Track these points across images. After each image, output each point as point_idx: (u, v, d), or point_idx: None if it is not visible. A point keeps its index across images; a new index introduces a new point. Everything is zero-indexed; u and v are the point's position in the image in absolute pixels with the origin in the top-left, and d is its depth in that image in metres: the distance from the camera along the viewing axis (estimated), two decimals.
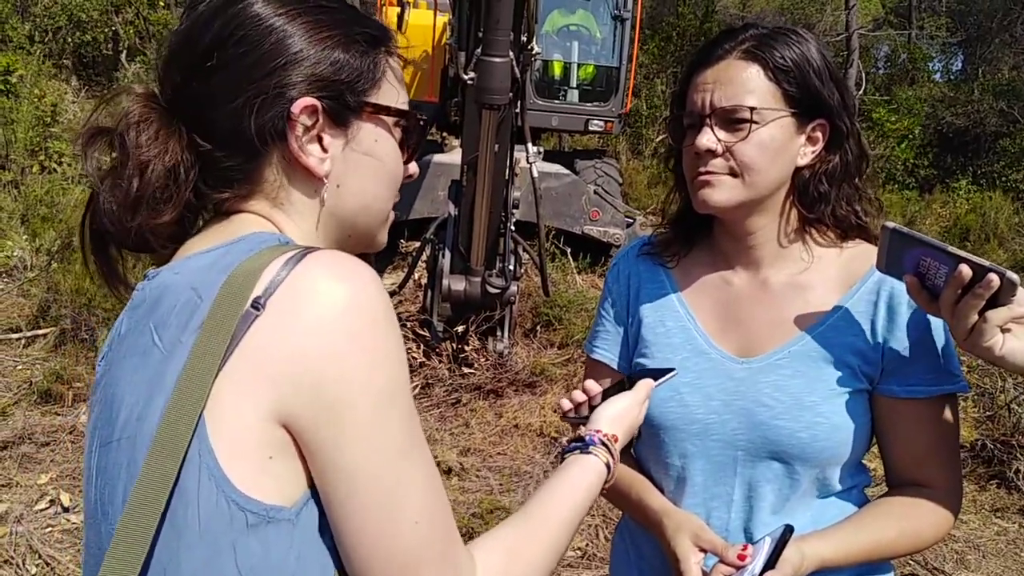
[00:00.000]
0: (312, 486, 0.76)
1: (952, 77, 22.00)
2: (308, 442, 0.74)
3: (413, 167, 0.97)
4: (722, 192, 1.20)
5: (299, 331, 0.73)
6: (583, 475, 1.03)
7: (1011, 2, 20.34)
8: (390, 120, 0.91)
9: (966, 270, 1.03)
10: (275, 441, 0.73)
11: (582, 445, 1.08)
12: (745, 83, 1.18)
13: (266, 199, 0.87)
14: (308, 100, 0.83)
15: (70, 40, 13.22)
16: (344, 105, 0.86)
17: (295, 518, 0.75)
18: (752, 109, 1.17)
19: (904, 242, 1.11)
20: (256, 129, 0.83)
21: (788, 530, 1.11)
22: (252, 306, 0.74)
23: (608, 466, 1.06)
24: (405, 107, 0.93)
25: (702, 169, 1.20)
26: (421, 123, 0.95)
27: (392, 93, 0.91)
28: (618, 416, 1.13)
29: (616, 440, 1.10)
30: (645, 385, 1.18)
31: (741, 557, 1.11)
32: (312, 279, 0.75)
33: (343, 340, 0.73)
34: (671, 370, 1.22)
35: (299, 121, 0.83)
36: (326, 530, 0.77)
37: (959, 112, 16.15)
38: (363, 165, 0.89)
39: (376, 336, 0.75)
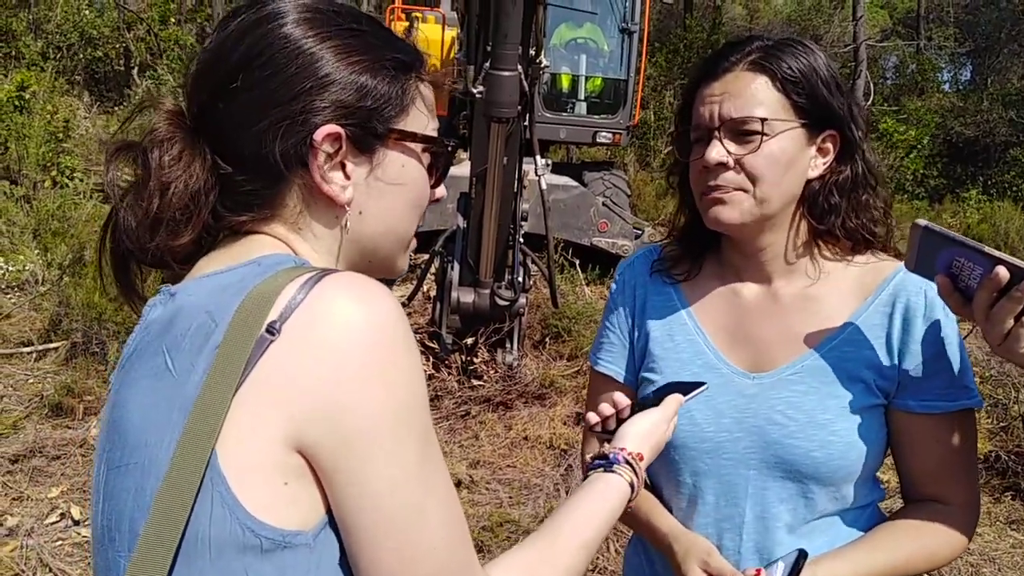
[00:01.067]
0: (329, 511, 0.75)
1: (961, 87, 21.95)
2: (324, 469, 0.73)
3: (441, 191, 0.96)
4: (733, 209, 1.18)
5: (315, 357, 0.71)
6: (605, 495, 1.01)
7: (1019, 12, 20.30)
8: (418, 147, 0.89)
9: (1003, 272, 0.97)
10: (290, 467, 0.72)
11: (606, 463, 1.05)
12: (754, 94, 1.16)
13: (285, 224, 0.86)
14: (331, 128, 0.82)
15: (82, 56, 13.36)
16: (369, 132, 0.84)
17: (312, 542, 0.74)
18: (763, 120, 1.15)
19: (937, 241, 1.05)
20: (278, 154, 0.81)
21: (802, 555, 1.09)
22: (267, 331, 0.72)
23: (632, 486, 1.04)
24: (434, 133, 0.91)
25: (712, 183, 1.18)
26: (449, 149, 0.93)
27: (421, 120, 0.89)
28: (645, 434, 1.10)
29: (641, 459, 1.07)
30: (674, 400, 1.15)
31: None
32: (329, 302, 0.73)
33: (360, 367, 0.72)
34: (702, 384, 1.18)
35: (321, 149, 0.82)
36: (345, 557, 0.76)
37: (968, 122, 16.10)
38: (388, 192, 0.87)
39: (394, 362, 0.74)
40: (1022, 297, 0.97)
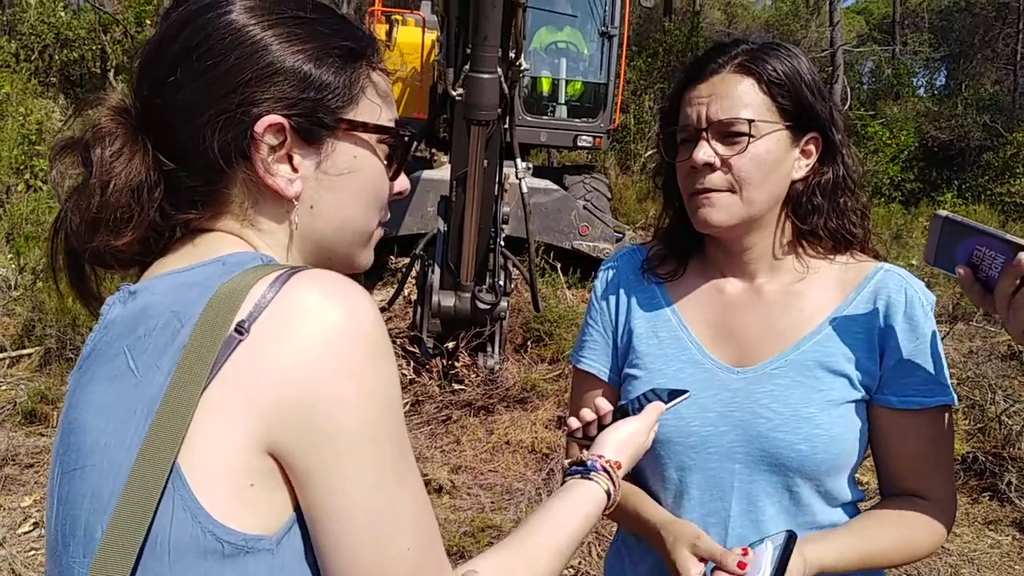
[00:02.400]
0: (297, 509, 0.73)
1: (936, 92, 22.28)
2: (296, 471, 0.71)
3: (403, 183, 0.92)
4: (721, 211, 1.19)
5: (287, 357, 0.69)
6: (581, 502, 1.01)
7: (992, 19, 20.63)
8: (371, 137, 0.86)
9: None
10: (258, 469, 0.70)
11: (583, 470, 1.05)
12: (741, 96, 1.18)
13: (235, 220, 0.83)
14: (273, 118, 0.78)
15: (57, 58, 13.18)
16: (316, 123, 0.81)
17: (275, 547, 0.72)
18: (750, 122, 1.17)
19: (957, 231, 1.04)
20: (218, 149, 0.78)
21: (791, 537, 1.09)
22: (236, 330, 0.70)
23: (608, 493, 1.03)
24: (388, 123, 0.88)
25: (699, 185, 1.19)
26: (406, 139, 0.90)
27: (372, 109, 0.86)
28: (624, 442, 1.10)
29: (619, 467, 1.06)
30: (655, 409, 1.15)
31: (741, 565, 1.09)
32: (300, 300, 0.71)
33: (334, 367, 0.70)
34: (684, 392, 1.19)
35: (264, 141, 0.79)
36: (309, 555, 0.74)
37: (943, 126, 16.32)
38: (340, 185, 0.84)
39: (369, 361, 0.72)
40: None
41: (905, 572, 3.51)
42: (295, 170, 0.82)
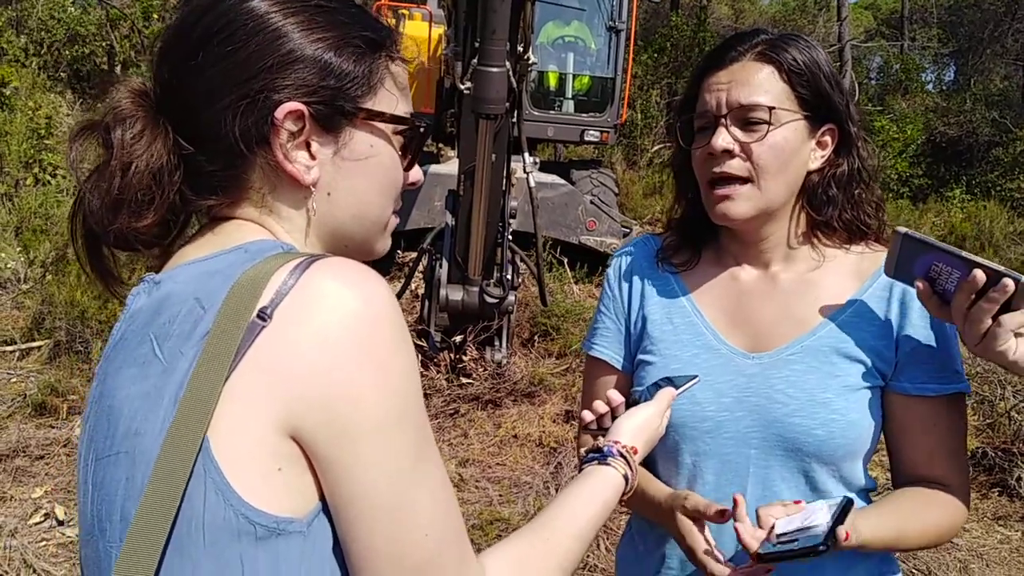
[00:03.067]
0: (323, 498, 0.74)
1: (944, 87, 22.13)
2: (318, 456, 0.72)
3: (416, 174, 0.93)
4: (740, 204, 1.20)
5: (308, 343, 0.70)
6: (599, 487, 1.02)
7: (1001, 14, 20.51)
8: (387, 127, 0.87)
9: (980, 275, 1.02)
10: (284, 453, 0.71)
11: (600, 456, 1.06)
12: (761, 83, 1.19)
13: (254, 206, 0.84)
14: (294, 105, 0.79)
15: (66, 53, 13.22)
16: (335, 111, 0.82)
17: (306, 530, 0.73)
18: (771, 109, 1.17)
19: (916, 247, 1.10)
20: (238, 134, 0.79)
21: (849, 502, 1.10)
22: (258, 316, 0.71)
23: (626, 478, 1.04)
24: (404, 114, 0.88)
25: (717, 170, 1.20)
26: (422, 131, 0.91)
27: (390, 100, 0.87)
28: (639, 427, 1.11)
29: (636, 452, 1.08)
30: (667, 394, 1.16)
31: (722, 512, 1.10)
32: (320, 287, 0.72)
33: (354, 352, 0.71)
34: (694, 377, 1.20)
35: (283, 127, 0.79)
36: (339, 544, 0.75)
37: (951, 122, 16.22)
38: (356, 173, 0.85)
39: (388, 347, 0.73)
40: (998, 298, 1.02)
41: (914, 567, 3.51)
42: (313, 157, 0.82)
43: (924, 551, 3.58)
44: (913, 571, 3.49)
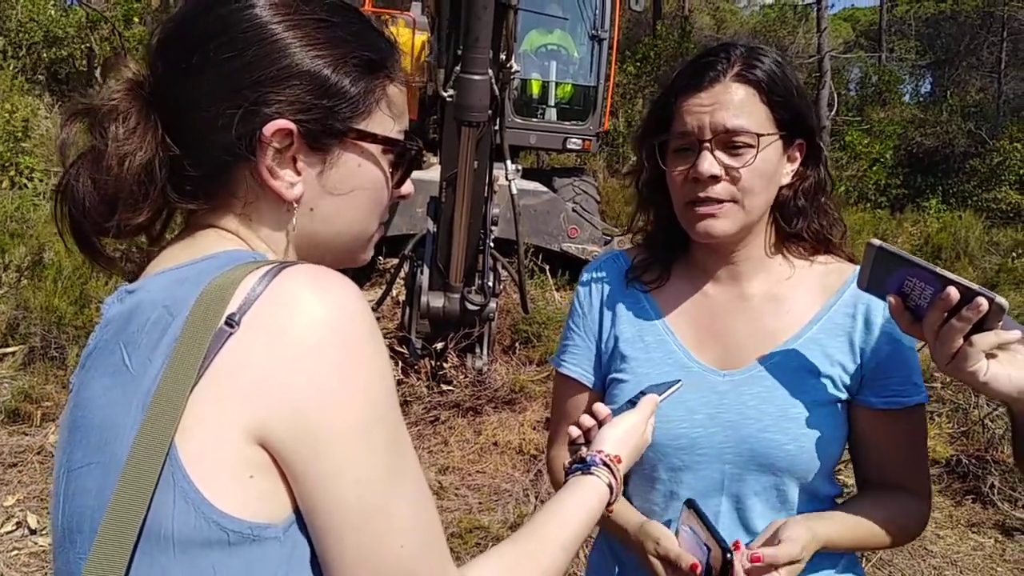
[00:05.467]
0: (297, 506, 0.73)
1: (921, 99, 22.47)
2: (288, 464, 0.71)
3: (407, 188, 0.93)
4: (724, 223, 1.20)
5: (277, 350, 0.69)
6: (583, 497, 1.01)
7: (977, 26, 20.83)
8: (377, 148, 0.85)
9: (954, 293, 1.00)
10: (255, 461, 0.70)
11: (583, 467, 1.05)
12: (743, 106, 1.18)
13: (235, 216, 0.83)
14: (282, 123, 0.78)
15: (45, 56, 13.08)
16: (325, 131, 0.80)
17: (282, 536, 0.72)
18: (759, 136, 1.17)
19: (890, 260, 1.08)
20: (225, 144, 0.78)
21: (691, 502, 1.15)
22: (226, 323, 0.70)
23: (611, 487, 1.04)
24: (397, 135, 0.87)
25: (702, 194, 1.19)
26: (414, 152, 0.90)
27: (384, 121, 0.86)
28: (623, 436, 1.10)
29: (620, 461, 1.07)
30: (650, 401, 1.16)
31: (694, 567, 1.10)
32: (289, 294, 0.71)
33: (323, 359, 0.70)
34: (676, 382, 1.20)
35: (271, 144, 0.78)
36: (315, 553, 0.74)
37: (928, 133, 16.47)
38: (342, 192, 0.84)
39: (359, 354, 0.72)
40: (972, 317, 0.99)
41: (889, 574, 3.54)
42: (298, 173, 0.81)
43: (899, 558, 3.61)
44: None
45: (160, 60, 0.81)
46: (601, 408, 1.17)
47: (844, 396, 1.23)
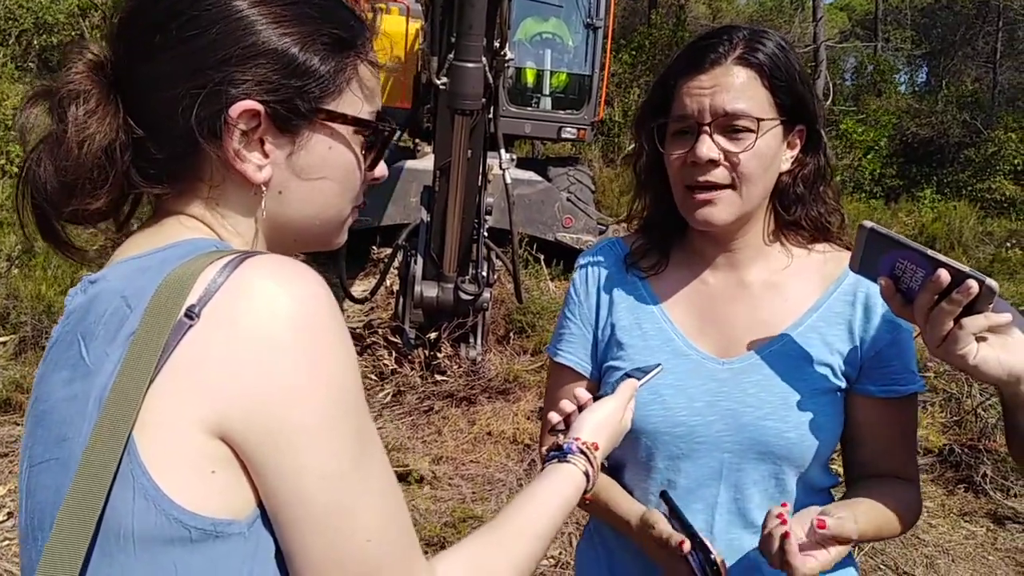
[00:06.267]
0: (261, 501, 0.71)
1: (917, 89, 22.48)
2: (250, 458, 0.69)
3: (380, 170, 0.90)
4: (723, 210, 1.18)
5: (237, 343, 0.67)
6: (558, 485, 1.00)
7: (972, 16, 20.82)
8: (348, 129, 0.83)
9: (944, 275, 1.00)
10: (216, 456, 0.68)
11: (560, 454, 1.04)
12: (744, 90, 1.16)
13: (201, 201, 0.80)
14: (249, 104, 0.75)
15: (35, 43, 12.97)
16: (293, 111, 0.78)
17: (247, 532, 0.70)
18: (759, 120, 1.15)
19: (882, 243, 1.08)
20: (189, 125, 0.75)
21: (663, 494, 1.16)
22: (186, 315, 0.68)
23: (587, 475, 1.03)
24: (368, 116, 0.85)
25: (700, 178, 1.17)
26: (386, 133, 0.87)
27: (355, 102, 0.83)
28: (600, 423, 1.09)
29: (597, 448, 1.06)
30: (628, 386, 1.14)
31: (681, 544, 1.09)
32: (251, 285, 0.69)
33: (285, 352, 0.68)
34: (656, 366, 1.19)
35: (237, 126, 0.76)
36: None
37: (924, 123, 16.48)
38: (311, 175, 0.81)
39: (322, 346, 0.70)
40: (962, 300, 0.99)
41: (882, 563, 3.55)
42: (266, 156, 0.79)
43: (891, 547, 3.62)
44: (880, 567, 3.53)
45: (122, 40, 0.79)
46: (582, 393, 1.15)
47: (843, 384, 1.23)
